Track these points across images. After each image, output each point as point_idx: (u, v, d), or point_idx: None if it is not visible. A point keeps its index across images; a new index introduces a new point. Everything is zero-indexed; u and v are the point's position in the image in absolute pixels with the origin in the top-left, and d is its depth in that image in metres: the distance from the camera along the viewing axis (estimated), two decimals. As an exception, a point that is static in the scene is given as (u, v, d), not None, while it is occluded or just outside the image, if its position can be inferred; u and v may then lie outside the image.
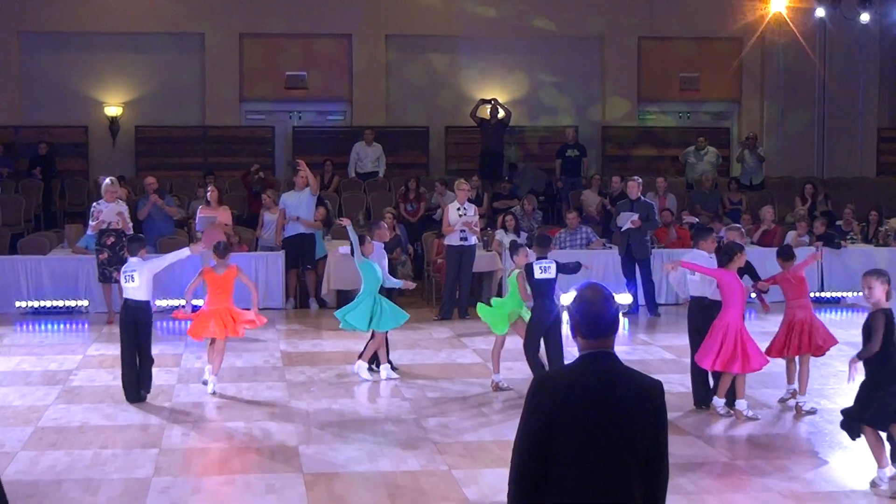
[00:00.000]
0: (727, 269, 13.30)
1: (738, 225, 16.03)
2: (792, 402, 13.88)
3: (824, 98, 30.26)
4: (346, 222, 16.25)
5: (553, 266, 14.34)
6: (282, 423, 13.18)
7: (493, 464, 11.23)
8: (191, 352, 17.37)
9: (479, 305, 15.33)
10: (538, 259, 14.50)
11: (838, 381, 15.38)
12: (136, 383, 14.14)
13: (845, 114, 30.04)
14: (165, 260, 14.67)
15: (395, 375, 15.44)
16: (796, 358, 13.82)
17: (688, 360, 14.33)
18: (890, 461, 10.53)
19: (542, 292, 14.33)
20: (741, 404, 13.34)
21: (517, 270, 14.64)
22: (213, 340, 14.79)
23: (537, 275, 14.30)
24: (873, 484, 10.54)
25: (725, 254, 13.38)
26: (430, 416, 13.43)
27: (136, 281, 14.10)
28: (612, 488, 5.36)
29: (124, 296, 14.41)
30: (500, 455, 11.37)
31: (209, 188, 21.70)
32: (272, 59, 29.30)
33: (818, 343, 13.75)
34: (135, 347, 14.12)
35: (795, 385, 13.91)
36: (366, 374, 15.41)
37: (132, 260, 14.41)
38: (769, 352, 13.83)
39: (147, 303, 14.23)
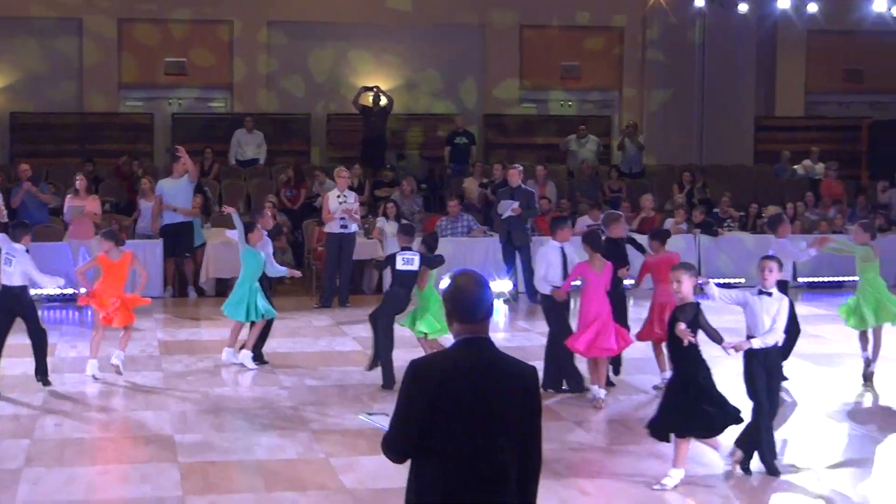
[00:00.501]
0: (582, 262, 13.34)
1: (618, 213, 16.06)
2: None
3: (703, 87, 30.61)
4: (230, 210, 16.15)
5: (417, 258, 14.18)
6: (158, 411, 13.06)
7: (371, 451, 11.18)
8: (65, 341, 17.14)
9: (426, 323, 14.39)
10: (402, 250, 14.35)
11: (712, 365, 15.60)
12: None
13: (723, 103, 30.40)
14: (40, 277, 14.23)
15: (253, 366, 15.30)
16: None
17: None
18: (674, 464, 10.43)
19: (402, 283, 14.25)
20: (596, 389, 13.40)
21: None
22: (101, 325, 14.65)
23: (399, 266, 14.17)
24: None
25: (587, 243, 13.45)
26: (309, 405, 13.38)
27: (13, 267, 13.87)
28: (487, 472, 5.38)
29: (1, 281, 14.14)
30: (377, 443, 11.19)
31: (77, 177, 21.21)
32: (151, 44, 28.92)
33: None
34: (5, 334, 13.88)
35: (668, 372, 14.00)
36: (250, 364, 15.30)
37: (15, 246, 14.08)
38: (639, 336, 13.97)
39: (24, 288, 13.99)
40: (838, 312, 15.25)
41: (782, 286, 11.50)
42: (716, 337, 10.39)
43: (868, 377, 14.86)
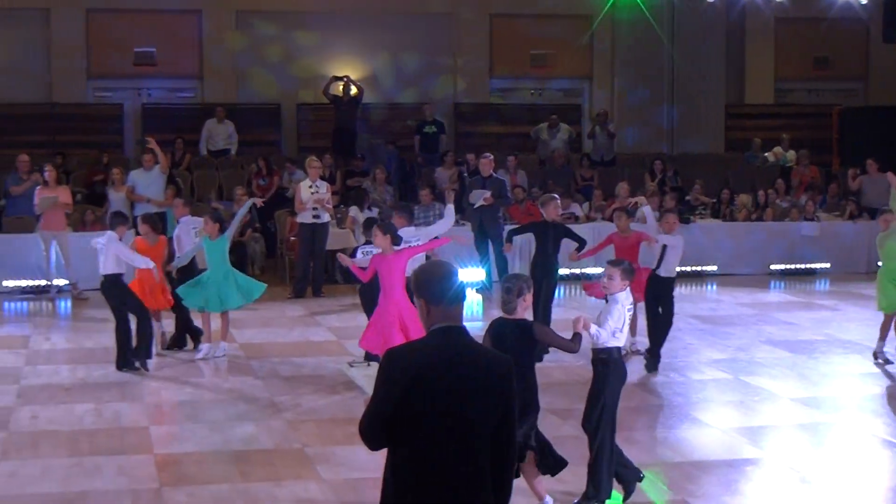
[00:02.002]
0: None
1: (554, 195, 16.23)
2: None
3: (673, 75, 30.68)
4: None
5: (372, 251, 14.01)
6: (132, 403, 13.07)
7: (346, 441, 11.25)
8: (39, 333, 17.12)
9: None
10: (364, 244, 14.94)
11: (687, 353, 15.75)
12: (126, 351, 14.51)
13: (693, 91, 30.49)
14: (132, 257, 14.74)
15: (219, 354, 15.42)
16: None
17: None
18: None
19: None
20: None
21: None
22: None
23: (359, 258, 14.31)
24: None
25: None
26: (283, 394, 13.42)
27: (103, 255, 14.41)
28: (460, 464, 5.41)
29: (101, 271, 14.62)
30: (353, 432, 11.21)
31: (46, 168, 20.99)
32: (120, 34, 28.75)
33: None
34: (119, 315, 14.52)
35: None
36: (219, 353, 15.36)
37: (108, 233, 14.56)
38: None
39: (117, 275, 14.46)
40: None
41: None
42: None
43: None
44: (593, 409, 9.51)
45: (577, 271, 21.26)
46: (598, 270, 15.55)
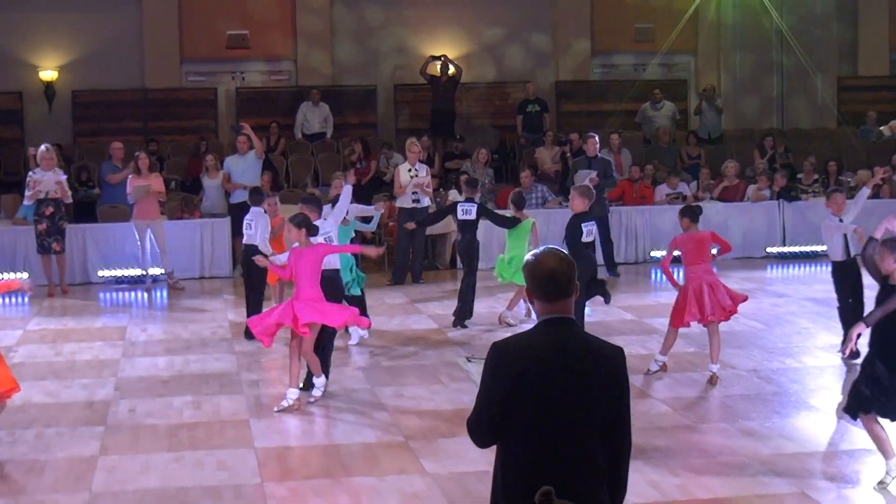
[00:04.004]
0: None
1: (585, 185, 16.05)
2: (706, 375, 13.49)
3: (782, 47, 30.25)
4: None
5: (474, 208, 16.53)
6: (232, 395, 13.12)
7: (451, 433, 11.21)
8: (135, 324, 17.28)
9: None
10: (465, 201, 16.75)
11: (802, 338, 15.51)
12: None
13: (804, 63, 30.04)
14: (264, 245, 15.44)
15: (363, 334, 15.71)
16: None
17: (648, 321, 14.41)
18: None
19: (464, 231, 16.70)
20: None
21: (532, 219, 16.57)
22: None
23: (460, 216, 16.58)
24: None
25: None
26: (385, 386, 13.40)
27: (253, 230, 15.51)
28: (573, 457, 5.36)
29: (244, 241, 15.80)
30: (457, 424, 11.34)
31: (139, 155, 21.10)
32: (212, 17, 28.91)
33: (725, 305, 13.15)
34: (251, 289, 15.83)
35: (665, 357, 13.73)
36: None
37: (254, 210, 15.69)
38: (674, 323, 13.34)
39: (255, 248, 15.15)
40: None
41: None
42: None
43: None
44: None
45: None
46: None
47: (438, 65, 27.46)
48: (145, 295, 19.95)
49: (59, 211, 19.63)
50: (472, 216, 16.58)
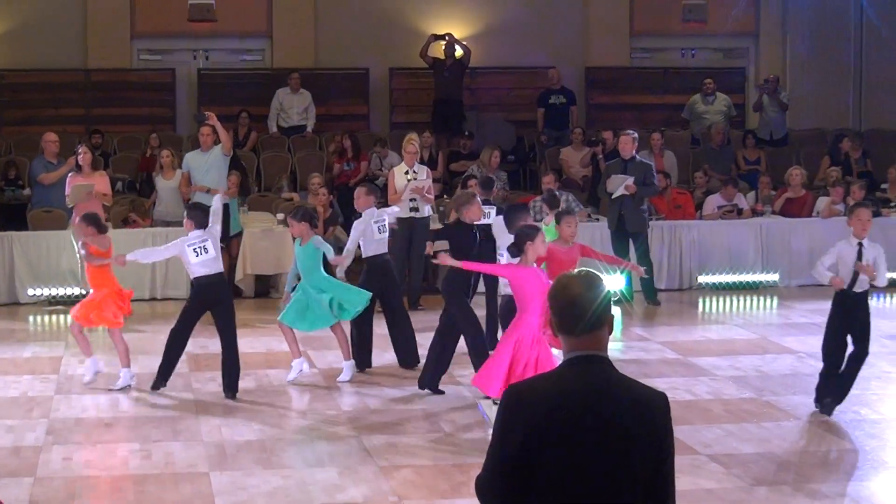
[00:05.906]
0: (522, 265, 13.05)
1: (473, 192, 16.47)
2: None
3: (861, 32, 30.32)
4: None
5: (493, 211, 17.03)
6: (188, 443, 13.12)
7: (454, 493, 11.22)
8: (71, 354, 17.25)
9: None
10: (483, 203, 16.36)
11: (882, 384, 15.51)
12: None
13: (886, 53, 30.10)
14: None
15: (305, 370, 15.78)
16: None
17: (695, 360, 14.39)
18: None
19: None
20: None
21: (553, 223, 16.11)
22: None
23: None
24: None
25: (515, 245, 13.09)
26: (374, 433, 13.39)
27: (212, 251, 14.86)
28: (607, 522, 5.35)
29: (196, 273, 15.02)
30: (461, 482, 11.35)
31: (80, 150, 21.02)
32: (172, -17, 29.00)
33: None
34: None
35: None
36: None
37: (199, 232, 14.92)
38: None
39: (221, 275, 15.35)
40: None
41: None
42: None
43: None
44: None
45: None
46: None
47: (443, 45, 27.52)
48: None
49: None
50: (490, 220, 16.74)
